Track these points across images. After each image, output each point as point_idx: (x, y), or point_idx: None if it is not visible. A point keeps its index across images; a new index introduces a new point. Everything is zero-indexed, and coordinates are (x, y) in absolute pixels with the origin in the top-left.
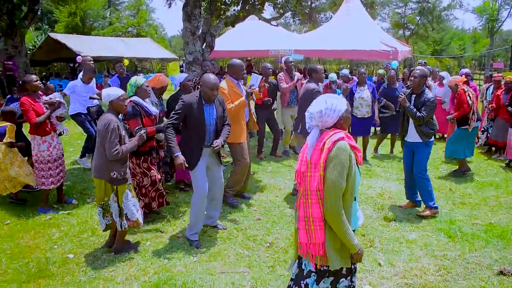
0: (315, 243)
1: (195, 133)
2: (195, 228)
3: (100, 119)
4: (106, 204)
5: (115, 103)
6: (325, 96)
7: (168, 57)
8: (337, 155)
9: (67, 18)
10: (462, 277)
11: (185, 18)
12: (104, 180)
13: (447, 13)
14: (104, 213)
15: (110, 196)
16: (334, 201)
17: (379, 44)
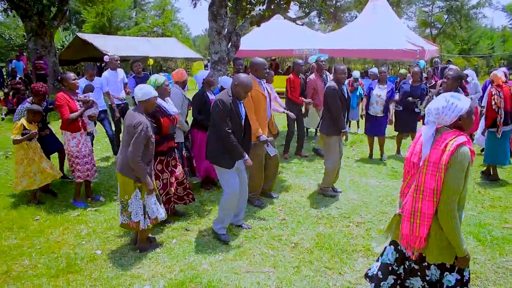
0: (417, 237)
1: (235, 132)
2: (224, 223)
3: (130, 116)
4: (126, 202)
5: (151, 103)
6: (447, 94)
7: (193, 56)
8: (460, 160)
9: (94, 18)
10: (492, 282)
11: (211, 17)
12: (128, 177)
13: (475, 11)
14: (122, 211)
15: (132, 194)
16: (451, 204)
17: (406, 43)
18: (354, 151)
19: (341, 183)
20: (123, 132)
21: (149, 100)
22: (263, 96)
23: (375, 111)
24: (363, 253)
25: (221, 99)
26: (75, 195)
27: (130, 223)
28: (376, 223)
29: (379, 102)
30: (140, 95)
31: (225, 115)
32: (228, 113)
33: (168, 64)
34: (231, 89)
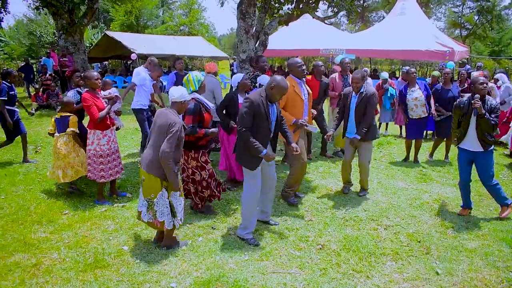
0: None
1: (260, 131)
2: (249, 227)
3: (163, 115)
4: (152, 200)
5: (184, 105)
6: None
7: (219, 55)
8: None
9: (122, 16)
10: None
11: (239, 16)
12: (154, 176)
13: (507, 12)
14: (148, 209)
15: (158, 194)
16: None
17: (435, 44)
18: (381, 153)
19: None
20: (152, 130)
21: (184, 103)
22: (301, 99)
23: (418, 114)
24: (392, 256)
25: (250, 97)
26: (98, 195)
27: (155, 222)
28: (405, 226)
29: (419, 104)
30: (177, 96)
31: (248, 113)
32: (254, 112)
33: (194, 62)
34: (266, 90)
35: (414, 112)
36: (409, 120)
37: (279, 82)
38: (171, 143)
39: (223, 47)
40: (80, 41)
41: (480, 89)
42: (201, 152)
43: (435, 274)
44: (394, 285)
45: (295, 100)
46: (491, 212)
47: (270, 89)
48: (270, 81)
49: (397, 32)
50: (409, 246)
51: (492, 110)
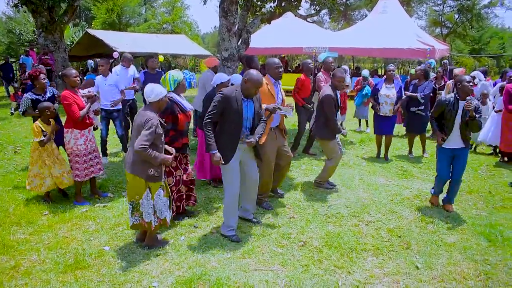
0: None
1: (232, 127)
2: (231, 224)
3: (141, 115)
4: (137, 202)
5: (163, 102)
6: None
7: (202, 53)
8: None
9: (104, 14)
10: (504, 283)
11: (221, 14)
12: (139, 177)
13: (487, 10)
14: (133, 211)
15: (143, 194)
16: None
17: (416, 42)
18: (363, 149)
19: (350, 181)
20: (133, 130)
21: (161, 100)
22: (273, 98)
23: (384, 111)
24: (373, 252)
25: (224, 91)
26: (76, 195)
27: (142, 223)
28: (386, 222)
29: (388, 102)
30: (153, 96)
31: (217, 106)
32: (225, 106)
33: (177, 61)
34: (241, 85)
35: (382, 108)
36: (376, 116)
37: (253, 75)
38: (145, 136)
39: (207, 45)
40: (60, 39)
41: (468, 88)
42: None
43: (415, 268)
44: (375, 280)
45: (268, 99)
46: (470, 207)
47: (244, 83)
48: (244, 75)
49: (379, 30)
50: (390, 242)
51: (476, 110)
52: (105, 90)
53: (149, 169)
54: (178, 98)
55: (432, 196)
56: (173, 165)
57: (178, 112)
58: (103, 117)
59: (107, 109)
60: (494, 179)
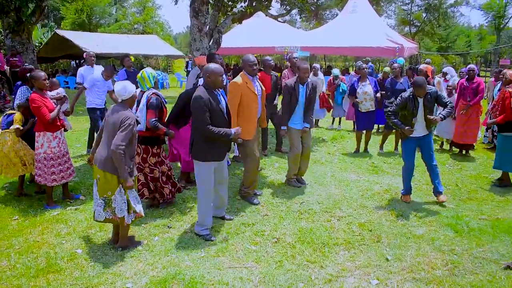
0: None
1: (219, 122)
2: (206, 223)
3: (115, 112)
4: (109, 198)
5: (134, 98)
6: None
7: (174, 54)
8: None
9: (73, 15)
10: (470, 271)
11: (192, 14)
12: (111, 173)
13: (453, 9)
14: (105, 207)
15: (115, 190)
16: None
17: (385, 40)
18: (335, 147)
19: (322, 178)
20: (104, 128)
21: (134, 96)
22: (255, 94)
23: (367, 107)
24: (344, 246)
25: (198, 95)
26: (47, 199)
27: (115, 218)
28: (357, 217)
29: (368, 98)
30: (126, 94)
31: (204, 110)
32: (207, 107)
33: (149, 61)
34: (206, 82)
35: (363, 105)
36: (359, 113)
37: (211, 68)
38: (123, 136)
39: (179, 45)
40: (28, 40)
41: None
42: (162, 147)
43: (385, 261)
44: (346, 273)
45: (249, 96)
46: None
47: (207, 78)
48: (204, 72)
49: (349, 30)
50: (361, 235)
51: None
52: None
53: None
54: (160, 93)
55: (403, 196)
56: (163, 154)
57: (163, 107)
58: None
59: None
60: (460, 172)
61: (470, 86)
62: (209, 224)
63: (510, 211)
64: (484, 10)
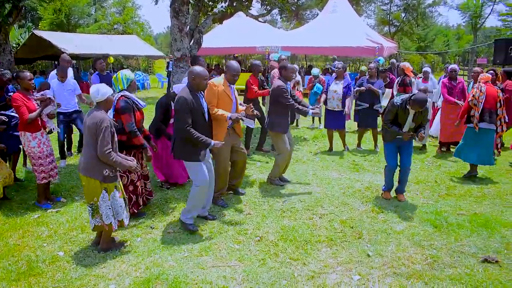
0: None
1: (200, 125)
2: (193, 212)
3: (91, 117)
4: (96, 204)
5: (109, 100)
6: None
7: (155, 54)
8: None
9: (51, 15)
10: (448, 265)
11: (172, 14)
12: (94, 179)
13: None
14: (93, 214)
15: (100, 196)
16: None
17: (365, 40)
18: (316, 145)
19: (304, 176)
20: (84, 132)
21: (108, 99)
22: (230, 99)
23: (332, 106)
24: (327, 243)
25: (182, 96)
26: (39, 197)
27: (103, 225)
28: (338, 214)
29: (335, 97)
30: (100, 96)
31: (186, 111)
32: (189, 108)
33: (129, 62)
34: (190, 84)
35: (330, 102)
36: (326, 110)
37: (197, 71)
38: (104, 140)
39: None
40: (5, 41)
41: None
42: (133, 152)
43: (367, 257)
44: (329, 269)
45: (224, 99)
46: (417, 196)
47: (192, 80)
48: (189, 74)
49: (330, 30)
50: (343, 232)
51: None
52: (63, 96)
53: (104, 170)
54: (132, 95)
55: (384, 192)
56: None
57: (134, 110)
58: (62, 120)
59: (66, 112)
60: (439, 169)
61: (457, 85)
62: (195, 214)
63: (487, 206)
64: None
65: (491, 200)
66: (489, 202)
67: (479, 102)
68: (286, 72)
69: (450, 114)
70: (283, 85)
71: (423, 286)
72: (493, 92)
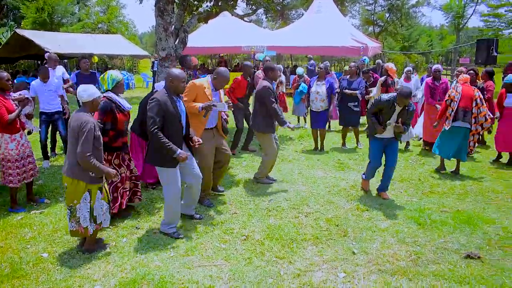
0: None
1: (174, 129)
2: (172, 222)
3: (75, 119)
4: (74, 207)
5: (96, 102)
6: None
7: (139, 54)
8: None
9: (34, 14)
10: (432, 261)
11: (157, 14)
12: (77, 180)
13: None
14: (71, 217)
15: (81, 198)
16: None
17: (350, 40)
18: (302, 145)
19: (289, 175)
20: (68, 133)
21: (95, 100)
22: (208, 99)
23: (316, 107)
24: (312, 241)
25: (155, 97)
26: (11, 202)
27: (79, 229)
28: (324, 212)
29: (318, 98)
30: (86, 96)
31: (157, 113)
32: (162, 111)
33: (114, 61)
34: (167, 87)
35: (313, 104)
36: (311, 111)
37: (175, 73)
38: (85, 142)
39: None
40: None
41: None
42: (115, 154)
43: (352, 254)
44: (314, 267)
45: (204, 100)
46: (402, 194)
47: (170, 83)
48: (167, 76)
49: (315, 30)
50: (328, 230)
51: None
52: (45, 96)
53: (89, 171)
54: (116, 97)
55: (363, 181)
56: (116, 162)
57: (116, 112)
58: (43, 120)
59: (48, 112)
60: (423, 167)
61: (440, 86)
62: (176, 223)
63: (470, 203)
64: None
65: (473, 197)
66: (472, 199)
67: (454, 101)
68: (274, 73)
69: (432, 114)
70: (269, 86)
71: (407, 282)
72: (470, 92)
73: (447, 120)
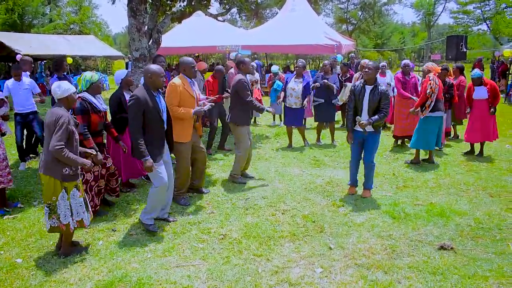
0: None
1: (155, 125)
2: (152, 213)
3: (50, 114)
4: (54, 204)
5: (71, 98)
6: None
7: (113, 54)
8: None
9: (3, 15)
10: (407, 254)
11: (130, 14)
12: (54, 178)
13: (387, 8)
14: (50, 214)
15: (59, 195)
16: None
17: (324, 38)
18: (278, 143)
19: (266, 173)
20: (44, 129)
21: (70, 96)
22: (191, 96)
23: (290, 103)
24: (289, 238)
25: (135, 94)
26: None
27: (60, 226)
28: (300, 209)
29: (293, 95)
30: (60, 92)
31: (139, 110)
32: (144, 108)
33: (87, 63)
34: (146, 83)
35: (288, 100)
36: (285, 107)
37: (153, 69)
38: (58, 136)
39: (119, 46)
40: None
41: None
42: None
43: (329, 249)
44: (292, 263)
45: (186, 98)
46: (377, 188)
47: (149, 79)
48: (145, 73)
49: (289, 28)
50: (305, 227)
51: (382, 96)
52: (20, 95)
53: (63, 169)
54: (91, 97)
55: (349, 187)
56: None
57: (91, 112)
58: (18, 122)
59: (22, 113)
60: (397, 162)
61: (410, 80)
62: (155, 215)
63: (443, 196)
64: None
65: (446, 190)
66: (444, 192)
67: (434, 93)
68: (245, 66)
69: (403, 108)
70: (244, 79)
71: (383, 275)
72: (440, 83)
73: (425, 110)
